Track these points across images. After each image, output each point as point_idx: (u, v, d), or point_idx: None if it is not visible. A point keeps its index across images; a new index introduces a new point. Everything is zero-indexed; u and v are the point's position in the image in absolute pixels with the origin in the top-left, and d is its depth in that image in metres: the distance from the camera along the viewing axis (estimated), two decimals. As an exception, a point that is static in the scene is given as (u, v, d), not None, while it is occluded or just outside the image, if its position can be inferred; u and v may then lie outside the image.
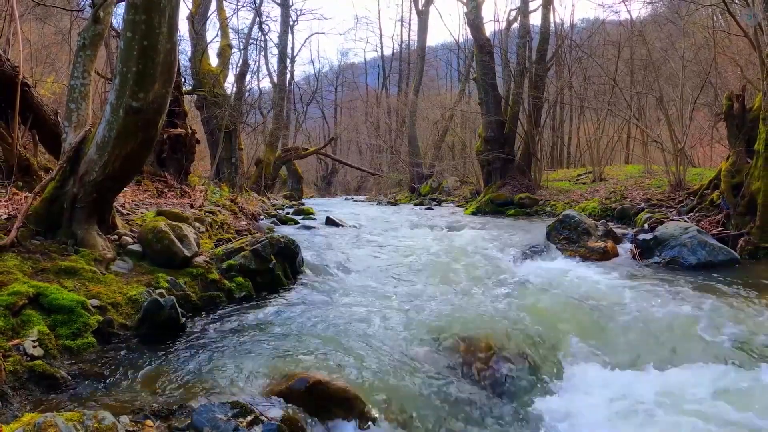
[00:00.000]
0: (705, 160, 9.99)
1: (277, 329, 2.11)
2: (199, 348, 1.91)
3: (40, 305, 1.83)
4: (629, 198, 6.24)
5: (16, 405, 1.41)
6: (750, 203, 3.83)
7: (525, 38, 9.51)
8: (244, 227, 4.18)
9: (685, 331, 2.13)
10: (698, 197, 4.92)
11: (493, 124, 9.18)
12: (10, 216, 2.44)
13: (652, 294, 2.65)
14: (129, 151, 2.30)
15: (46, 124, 3.43)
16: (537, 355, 1.98)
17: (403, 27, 32.71)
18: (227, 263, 2.72)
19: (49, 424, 1.11)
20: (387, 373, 1.71)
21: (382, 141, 20.71)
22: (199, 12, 9.32)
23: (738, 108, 4.32)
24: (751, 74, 5.57)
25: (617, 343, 2.13)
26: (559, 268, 3.46)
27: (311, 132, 25.72)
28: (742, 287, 2.80)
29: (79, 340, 1.79)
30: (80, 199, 2.35)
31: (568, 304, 2.51)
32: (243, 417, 1.32)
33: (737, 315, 2.26)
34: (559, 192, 8.44)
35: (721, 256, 3.47)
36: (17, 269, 1.99)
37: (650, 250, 3.77)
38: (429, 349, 1.94)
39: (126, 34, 2.14)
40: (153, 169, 4.97)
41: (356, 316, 2.29)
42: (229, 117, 8.61)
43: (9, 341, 1.63)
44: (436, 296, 2.71)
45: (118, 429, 1.20)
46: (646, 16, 11.48)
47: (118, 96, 2.21)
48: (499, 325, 2.18)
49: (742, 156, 4.16)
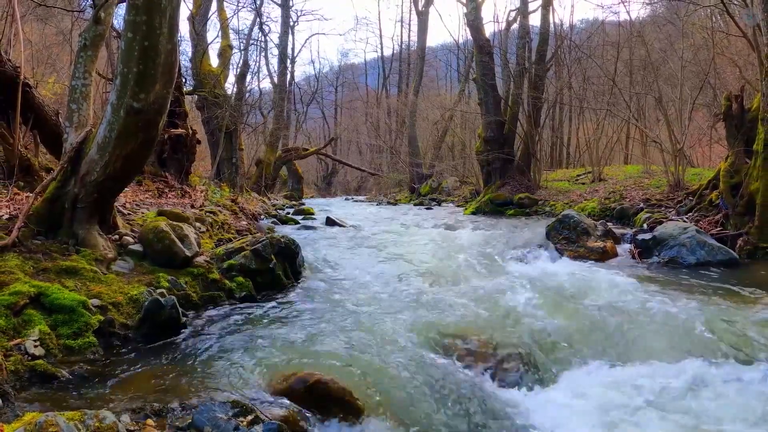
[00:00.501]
0: (704, 161, 10.01)
1: (277, 329, 2.12)
2: (200, 347, 1.92)
3: (42, 305, 1.83)
4: (628, 198, 6.25)
5: (17, 404, 1.41)
6: (749, 203, 3.84)
7: (524, 39, 9.52)
8: (244, 227, 4.19)
9: (682, 329, 2.14)
10: (697, 197, 4.93)
11: (493, 124, 9.19)
12: (11, 216, 2.45)
13: (651, 293, 2.65)
14: (130, 152, 2.31)
15: (48, 125, 3.44)
16: (535, 353, 1.99)
17: (403, 28, 32.74)
18: (228, 263, 2.73)
19: (50, 423, 1.12)
20: (386, 372, 1.72)
21: (382, 141, 20.73)
22: (200, 13, 9.34)
23: (737, 108, 4.33)
24: (750, 75, 5.58)
25: (614, 341, 2.14)
26: (558, 268, 3.47)
27: (311, 132, 25.74)
28: (740, 287, 2.81)
29: (80, 339, 1.80)
30: (81, 199, 2.36)
31: (567, 304, 2.52)
32: (243, 416, 1.33)
33: (735, 314, 2.27)
34: (558, 192, 8.44)
35: (720, 256, 3.48)
36: (18, 269, 1.99)
37: (649, 249, 3.79)
38: (428, 348, 1.95)
39: (127, 34, 2.15)
40: (154, 170, 4.98)
41: (356, 315, 2.30)
42: (230, 117, 8.63)
43: (10, 341, 1.64)
44: (435, 295, 2.72)
45: (119, 428, 1.20)
46: (645, 16, 11.54)
47: (119, 96, 2.22)
48: (497, 324, 2.19)
49: (741, 156, 4.17)
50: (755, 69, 4.79)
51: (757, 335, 2.05)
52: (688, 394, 1.71)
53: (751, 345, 1.99)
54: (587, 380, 1.84)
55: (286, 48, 15.21)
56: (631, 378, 1.82)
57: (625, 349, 2.08)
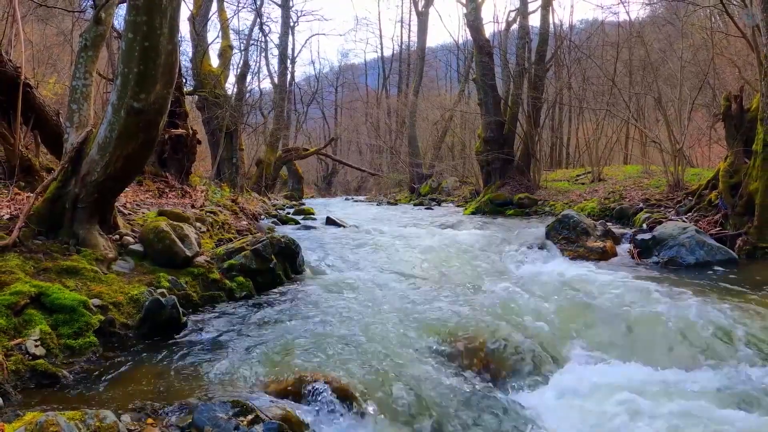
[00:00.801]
0: (703, 161, 10.02)
1: (277, 328, 2.13)
2: (200, 347, 1.92)
3: (42, 305, 1.84)
4: (628, 198, 6.26)
5: (18, 404, 1.42)
6: (748, 203, 3.85)
7: (524, 39, 9.54)
8: (244, 227, 4.19)
9: (680, 328, 2.15)
10: (696, 197, 4.94)
11: (493, 124, 9.21)
12: (12, 216, 2.46)
13: (650, 293, 2.66)
14: (130, 152, 2.31)
15: (48, 125, 3.43)
16: (533, 351, 2.00)
17: (403, 28, 32.72)
18: (228, 263, 2.74)
19: (50, 422, 1.12)
20: (386, 372, 1.72)
21: (382, 141, 20.74)
22: (200, 13, 9.34)
23: (736, 108, 4.34)
24: (749, 75, 5.59)
25: (614, 340, 2.15)
26: (558, 268, 3.47)
27: (312, 132, 25.77)
28: (739, 286, 2.82)
29: (80, 339, 1.81)
30: (82, 199, 2.36)
31: (567, 303, 2.53)
32: (244, 416, 1.33)
33: (734, 314, 2.28)
34: (558, 192, 8.45)
35: (719, 255, 3.49)
36: (19, 269, 2.00)
37: (649, 249, 3.79)
38: (427, 347, 1.95)
39: (127, 35, 2.15)
40: (154, 170, 4.99)
41: (356, 314, 2.31)
42: (230, 117, 8.64)
43: (11, 340, 1.65)
44: (434, 294, 2.72)
45: (120, 428, 1.20)
46: (645, 17, 11.55)
47: (119, 97, 2.22)
48: (496, 323, 2.19)
49: (740, 156, 4.18)
50: (754, 69, 4.81)
51: (757, 335, 2.05)
52: (684, 389, 1.71)
53: (750, 344, 1.99)
54: (585, 378, 1.85)
55: (287, 48, 15.22)
56: (628, 374, 1.83)
57: (625, 348, 2.09)
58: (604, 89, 10.48)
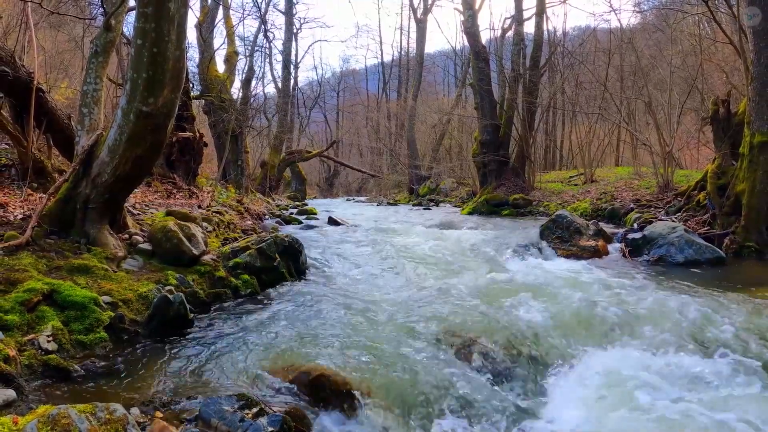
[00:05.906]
0: (692, 163, 10.17)
1: (281, 325, 2.17)
2: (207, 342, 1.96)
3: (54, 302, 1.88)
4: (619, 199, 6.37)
5: (31, 397, 1.44)
6: (735, 204, 3.96)
7: (519, 45, 9.71)
8: (249, 227, 4.25)
9: (670, 323, 2.23)
10: (685, 198, 5.06)
11: (489, 127, 9.35)
12: (25, 216, 2.51)
13: (640, 289, 2.75)
14: (139, 154, 2.37)
15: (60, 128, 3.47)
16: (529, 348, 2.04)
17: (402, 35, 33.09)
18: (234, 261, 2.78)
19: (62, 415, 1.13)
20: (388, 367, 1.75)
21: (383, 144, 20.84)
22: (207, 20, 9.47)
23: (723, 112, 4.48)
24: (736, 80, 5.76)
25: (607, 334, 2.21)
26: (552, 266, 3.54)
27: (314, 135, 25.90)
28: (726, 283, 2.91)
29: (91, 335, 1.84)
30: (92, 200, 2.42)
31: (561, 300, 2.59)
32: (249, 409, 1.34)
33: (721, 309, 2.37)
34: (552, 193, 8.54)
35: (707, 254, 3.57)
36: (32, 267, 2.04)
37: (639, 248, 3.87)
38: (426, 344, 1.98)
39: (137, 41, 2.21)
40: (162, 171, 5.05)
41: (357, 311, 2.35)
42: (236, 121, 8.70)
43: (24, 336, 1.68)
44: (432, 292, 2.77)
45: (129, 420, 1.21)
46: (636, 24, 11.76)
47: (129, 101, 2.28)
48: (493, 320, 2.24)
49: (728, 158, 4.30)
50: (741, 75, 4.93)
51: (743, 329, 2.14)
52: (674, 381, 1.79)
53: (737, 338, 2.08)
54: (581, 372, 1.90)
55: (290, 54, 15.36)
56: (620, 366, 1.90)
57: (617, 341, 2.15)
58: (597, 94, 10.67)
